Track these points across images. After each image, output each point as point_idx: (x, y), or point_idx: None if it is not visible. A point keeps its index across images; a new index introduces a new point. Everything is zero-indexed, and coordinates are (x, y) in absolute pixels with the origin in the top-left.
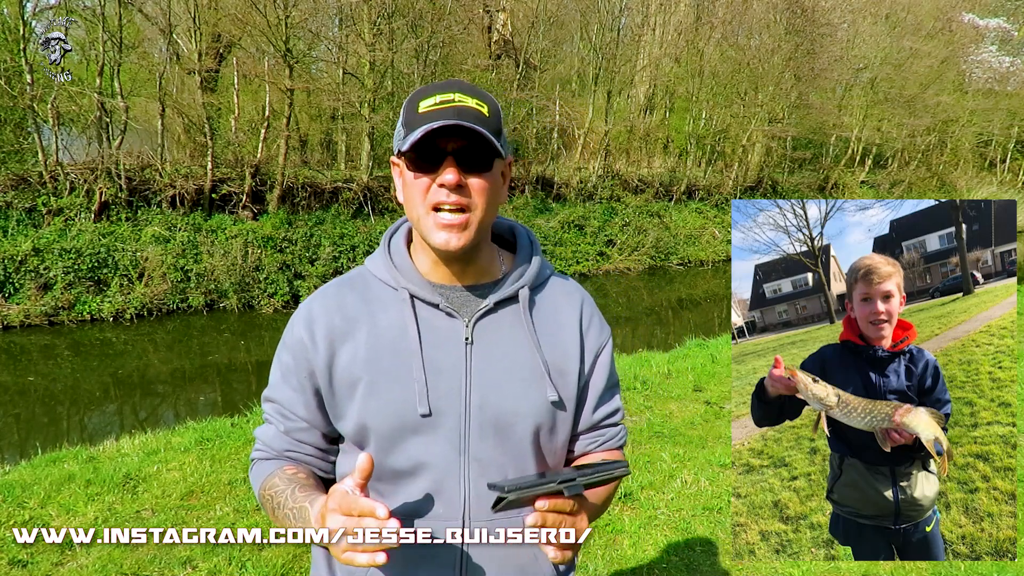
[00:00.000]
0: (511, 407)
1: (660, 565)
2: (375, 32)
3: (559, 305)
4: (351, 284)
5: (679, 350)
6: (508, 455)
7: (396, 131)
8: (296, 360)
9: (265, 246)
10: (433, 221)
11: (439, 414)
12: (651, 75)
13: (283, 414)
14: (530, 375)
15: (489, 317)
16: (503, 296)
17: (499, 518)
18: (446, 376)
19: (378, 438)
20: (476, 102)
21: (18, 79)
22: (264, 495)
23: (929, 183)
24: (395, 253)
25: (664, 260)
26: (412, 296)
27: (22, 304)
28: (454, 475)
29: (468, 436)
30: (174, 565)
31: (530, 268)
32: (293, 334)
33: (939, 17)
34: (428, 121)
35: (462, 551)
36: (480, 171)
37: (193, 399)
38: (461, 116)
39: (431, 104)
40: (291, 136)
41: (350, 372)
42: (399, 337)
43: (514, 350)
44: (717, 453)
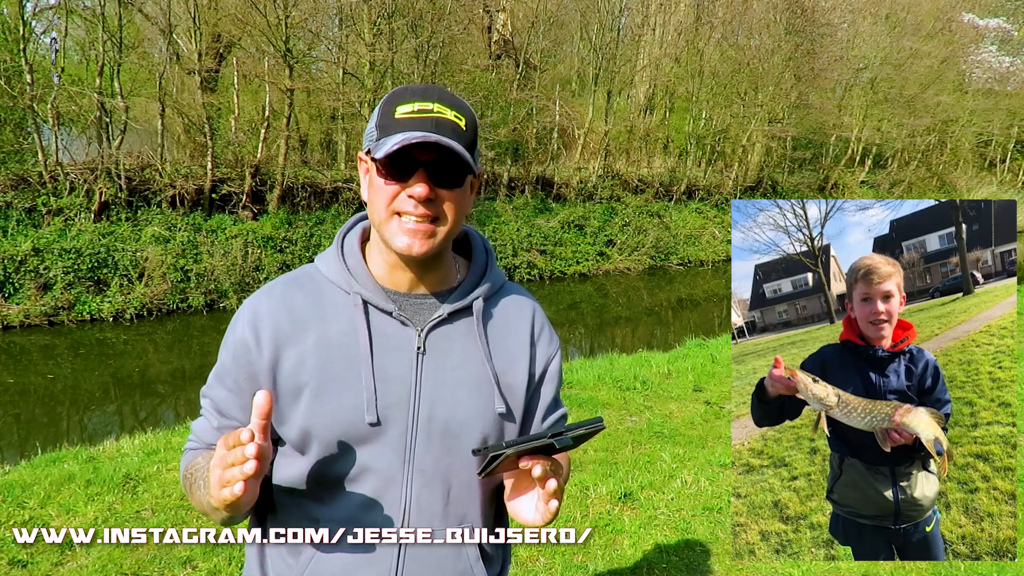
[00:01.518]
0: (459, 418)
1: (660, 565)
2: (375, 32)
3: (510, 316)
4: (299, 284)
5: (679, 350)
6: (453, 466)
7: (368, 129)
8: (236, 361)
9: (265, 246)
10: (397, 225)
11: (386, 423)
12: (651, 75)
13: (218, 410)
14: (479, 386)
15: (443, 327)
16: (457, 307)
17: (439, 529)
18: (395, 385)
19: (322, 444)
20: (454, 114)
21: (18, 79)
22: (185, 476)
23: (929, 183)
24: (348, 255)
25: (664, 260)
26: (365, 302)
27: (22, 304)
28: (397, 483)
29: (414, 446)
30: (174, 565)
31: (485, 279)
32: (236, 334)
33: (939, 17)
34: (404, 129)
35: (399, 559)
36: (451, 186)
37: (193, 399)
38: (439, 129)
39: (409, 111)
40: (291, 136)
41: (296, 377)
42: (350, 343)
43: (465, 361)
44: (717, 453)
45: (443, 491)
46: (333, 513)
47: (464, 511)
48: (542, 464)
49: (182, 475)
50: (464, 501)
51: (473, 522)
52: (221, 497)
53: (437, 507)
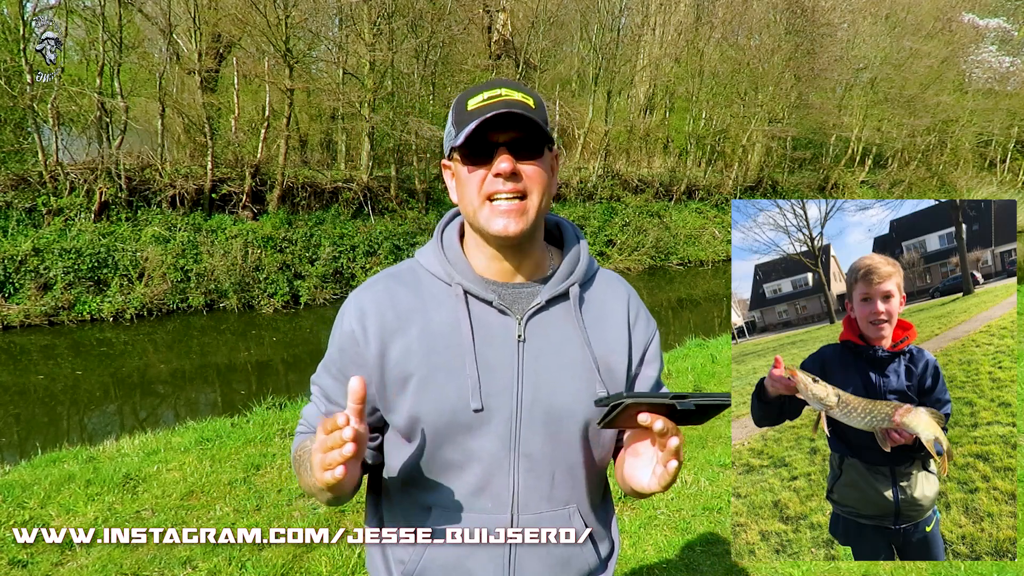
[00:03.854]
0: (561, 403)
1: (660, 565)
2: (375, 32)
3: (606, 301)
4: (401, 278)
5: (679, 350)
6: (558, 450)
7: (447, 133)
8: (343, 353)
9: (265, 246)
10: (490, 210)
11: (491, 410)
12: (651, 75)
13: (326, 397)
14: (580, 372)
15: (541, 314)
16: (554, 293)
17: (546, 513)
18: (498, 373)
19: (429, 431)
20: (521, 95)
21: (18, 79)
22: (295, 458)
23: (929, 183)
24: (448, 248)
25: (664, 260)
26: (466, 292)
27: (22, 304)
28: (503, 470)
29: (519, 432)
30: (174, 565)
31: (579, 264)
32: (343, 328)
33: (939, 17)
34: (478, 116)
35: (510, 544)
36: (533, 158)
37: (193, 399)
38: (510, 108)
39: (479, 101)
40: (291, 136)
41: (403, 367)
42: (452, 333)
43: (565, 347)
44: (717, 453)
45: (548, 475)
46: (443, 499)
47: (569, 495)
48: (664, 419)
49: (293, 457)
50: (568, 485)
51: (579, 505)
52: (324, 480)
53: (544, 491)
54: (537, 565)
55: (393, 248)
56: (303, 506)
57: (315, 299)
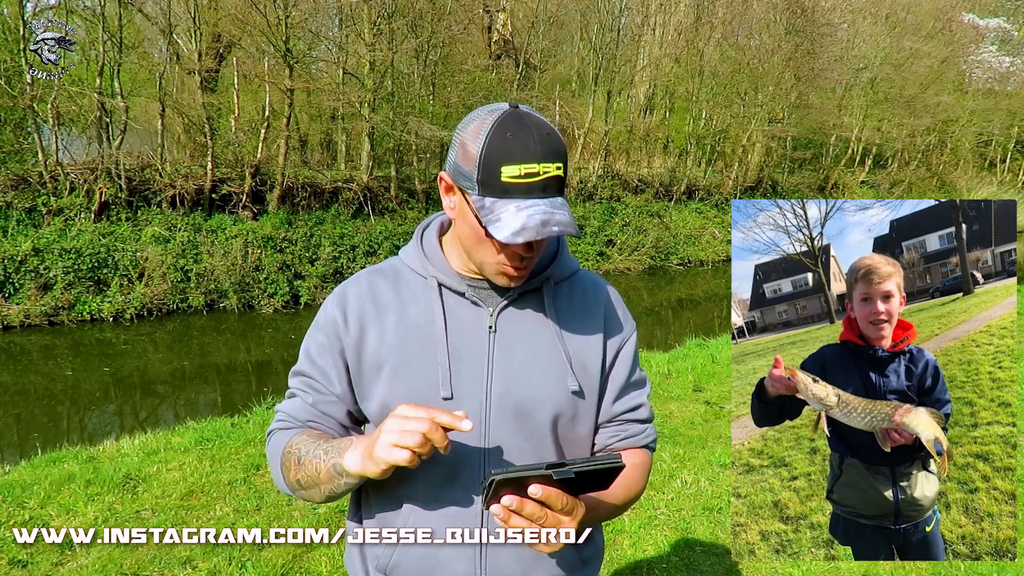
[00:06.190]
0: (531, 395)
1: (660, 565)
2: (375, 32)
3: (583, 298)
4: (383, 273)
5: (679, 350)
6: (528, 442)
7: (463, 167)
8: (329, 338)
9: (265, 246)
10: (496, 269)
11: (460, 399)
12: (651, 75)
13: (314, 387)
14: (551, 365)
15: (513, 307)
16: (528, 287)
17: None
18: (469, 362)
19: None
20: (556, 166)
21: (18, 79)
22: (288, 451)
23: (929, 183)
24: (427, 245)
25: (664, 260)
26: (440, 284)
27: (22, 304)
28: (474, 459)
29: (488, 422)
30: (174, 565)
31: (556, 261)
32: (327, 314)
33: (939, 17)
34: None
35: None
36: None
37: (193, 399)
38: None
39: (516, 175)
40: (291, 136)
41: (377, 355)
42: (426, 323)
43: (536, 340)
44: (717, 453)
45: None
46: (414, 491)
47: None
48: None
49: (281, 451)
50: None
51: None
52: (385, 458)
53: None
54: (508, 559)
55: (393, 248)
56: (303, 506)
57: (315, 299)
